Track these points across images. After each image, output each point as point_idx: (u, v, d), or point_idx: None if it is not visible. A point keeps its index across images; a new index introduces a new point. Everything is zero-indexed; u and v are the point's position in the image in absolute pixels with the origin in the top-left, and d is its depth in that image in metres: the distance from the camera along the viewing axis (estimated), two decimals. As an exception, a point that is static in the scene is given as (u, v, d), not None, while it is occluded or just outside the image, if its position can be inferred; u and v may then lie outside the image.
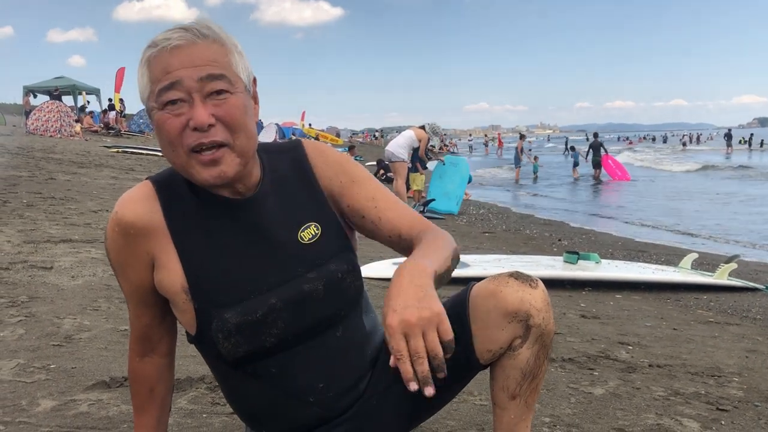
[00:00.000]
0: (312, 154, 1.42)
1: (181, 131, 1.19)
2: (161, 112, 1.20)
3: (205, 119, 1.18)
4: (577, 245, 7.90)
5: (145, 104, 1.26)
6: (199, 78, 1.18)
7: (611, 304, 4.61)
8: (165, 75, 1.19)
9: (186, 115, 1.19)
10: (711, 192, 17.65)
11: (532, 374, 1.35)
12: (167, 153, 1.24)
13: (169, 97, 1.19)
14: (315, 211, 1.37)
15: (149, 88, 1.22)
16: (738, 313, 4.65)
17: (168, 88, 1.19)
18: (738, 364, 3.07)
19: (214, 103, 1.20)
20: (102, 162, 13.30)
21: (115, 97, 29.32)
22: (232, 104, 1.21)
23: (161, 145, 1.24)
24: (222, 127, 1.20)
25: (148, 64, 1.22)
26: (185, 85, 1.18)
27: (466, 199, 14.08)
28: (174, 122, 1.19)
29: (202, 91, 1.19)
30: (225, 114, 1.20)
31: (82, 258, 4.39)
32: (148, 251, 1.30)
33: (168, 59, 1.19)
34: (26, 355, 2.50)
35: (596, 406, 2.33)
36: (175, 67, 1.18)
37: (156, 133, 1.24)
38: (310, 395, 1.34)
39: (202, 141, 1.19)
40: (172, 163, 1.26)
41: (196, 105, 1.18)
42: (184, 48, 1.19)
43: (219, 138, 1.20)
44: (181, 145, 1.20)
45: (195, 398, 2.18)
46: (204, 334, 1.30)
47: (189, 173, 1.23)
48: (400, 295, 1.12)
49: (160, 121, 1.20)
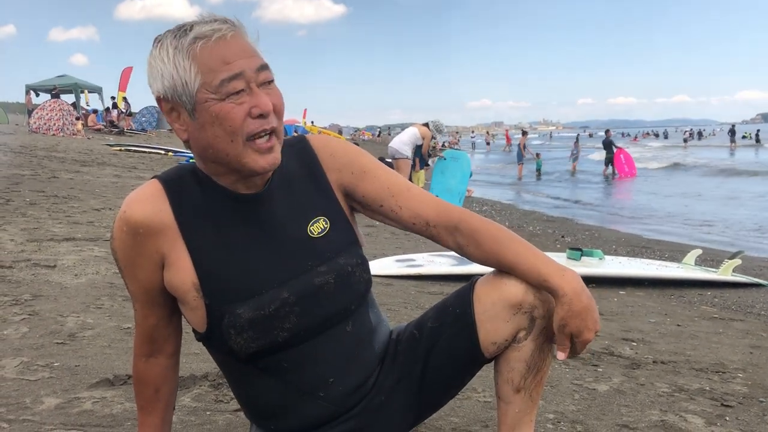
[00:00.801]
0: (318, 147, 1.43)
1: (244, 119, 1.20)
2: (223, 103, 1.19)
3: (270, 106, 1.22)
4: (580, 242, 7.89)
5: (186, 97, 1.20)
6: (257, 68, 1.22)
7: (615, 301, 4.60)
8: (224, 65, 1.19)
9: (247, 103, 1.20)
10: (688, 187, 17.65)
11: (537, 367, 1.35)
12: (222, 144, 1.21)
13: (236, 87, 1.19)
14: (323, 205, 1.37)
15: (200, 80, 1.19)
16: (742, 309, 4.64)
17: (232, 79, 1.19)
18: (742, 360, 3.06)
19: (266, 92, 1.23)
20: (105, 160, 13.31)
21: (119, 96, 29.32)
22: (278, 93, 1.26)
23: (217, 136, 1.20)
24: (274, 115, 1.24)
25: (194, 56, 1.19)
26: (246, 76, 1.20)
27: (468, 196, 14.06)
28: (239, 111, 1.20)
29: (257, 80, 1.22)
30: (277, 102, 1.25)
31: (86, 256, 4.40)
32: (157, 250, 1.29)
33: (224, 50, 1.20)
34: (30, 353, 2.50)
35: (600, 402, 2.32)
36: (233, 58, 1.20)
37: (210, 124, 1.20)
38: (321, 390, 1.34)
39: (264, 127, 1.22)
40: (224, 155, 1.23)
41: (258, 93, 1.21)
42: (236, 38, 1.22)
43: (274, 124, 1.24)
44: (242, 134, 1.21)
45: (198, 396, 2.18)
46: (215, 331, 1.29)
47: (242, 162, 1.23)
48: (589, 312, 1.28)
49: (222, 112, 1.19)
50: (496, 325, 1.33)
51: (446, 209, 1.40)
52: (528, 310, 1.31)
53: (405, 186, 1.42)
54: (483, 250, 1.35)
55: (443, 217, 1.38)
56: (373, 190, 1.40)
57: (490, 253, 1.34)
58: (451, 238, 1.38)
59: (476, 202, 13.52)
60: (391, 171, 1.45)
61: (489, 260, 1.36)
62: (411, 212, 1.39)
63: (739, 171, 22.82)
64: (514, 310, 1.32)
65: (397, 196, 1.39)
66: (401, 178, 1.44)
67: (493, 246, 1.34)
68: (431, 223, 1.38)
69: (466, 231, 1.36)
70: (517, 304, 1.31)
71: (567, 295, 1.27)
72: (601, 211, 13.05)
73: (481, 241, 1.35)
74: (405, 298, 4.14)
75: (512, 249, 1.33)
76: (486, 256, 1.35)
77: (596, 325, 1.28)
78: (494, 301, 1.33)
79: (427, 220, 1.38)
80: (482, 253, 1.35)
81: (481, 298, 1.35)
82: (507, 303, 1.32)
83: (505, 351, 1.36)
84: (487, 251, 1.35)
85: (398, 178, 1.43)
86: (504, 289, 1.32)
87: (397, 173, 1.46)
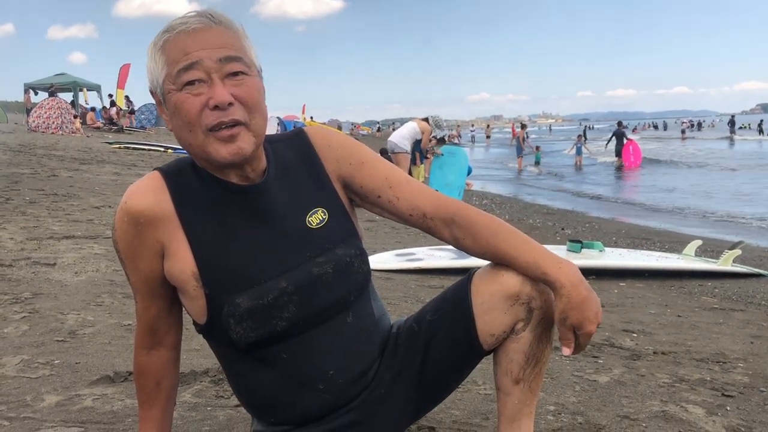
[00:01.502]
0: (316, 139, 1.43)
1: (200, 111, 1.20)
2: (179, 93, 1.21)
3: (226, 97, 1.20)
4: (580, 234, 7.89)
5: (158, 89, 1.26)
6: (218, 59, 1.21)
7: (615, 292, 4.61)
8: (184, 56, 1.20)
9: (206, 94, 1.20)
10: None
11: (536, 358, 1.35)
12: (184, 135, 1.24)
13: (189, 77, 1.20)
14: (322, 197, 1.38)
15: (165, 71, 1.22)
16: (742, 299, 4.64)
17: (187, 68, 1.20)
18: (743, 349, 3.07)
19: (233, 83, 1.22)
20: (104, 158, 13.30)
21: (118, 93, 29.27)
22: (249, 85, 1.24)
23: (178, 126, 1.24)
24: (240, 107, 1.22)
25: (163, 49, 1.23)
26: (204, 65, 1.20)
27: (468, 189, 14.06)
28: (194, 101, 1.20)
29: (220, 71, 1.21)
30: (243, 93, 1.22)
31: (85, 254, 4.40)
32: (158, 240, 1.30)
33: (186, 41, 1.21)
34: (30, 351, 2.51)
35: (601, 393, 2.32)
36: (194, 49, 1.20)
37: (172, 114, 1.24)
38: (320, 382, 1.35)
39: (222, 120, 1.20)
40: (187, 145, 1.26)
41: (216, 84, 1.20)
42: (201, 31, 1.22)
43: (238, 116, 1.22)
44: (200, 125, 1.21)
45: (199, 391, 2.18)
46: (215, 321, 1.30)
47: (206, 153, 1.24)
48: (588, 303, 1.28)
49: (178, 102, 1.21)
50: (494, 317, 1.33)
51: (444, 202, 1.40)
52: (525, 301, 1.31)
53: (403, 178, 1.42)
54: (480, 243, 1.35)
55: (440, 209, 1.38)
56: (371, 181, 1.40)
57: (488, 247, 1.34)
58: (448, 230, 1.38)
59: (476, 195, 13.51)
60: (390, 163, 1.46)
61: (486, 253, 1.36)
62: (408, 204, 1.39)
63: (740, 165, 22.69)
64: (511, 301, 1.32)
65: (395, 187, 1.40)
66: (399, 171, 1.45)
67: (490, 239, 1.34)
68: (428, 215, 1.38)
69: (462, 224, 1.36)
70: (515, 295, 1.31)
71: (565, 287, 1.27)
72: (602, 202, 13.04)
73: (478, 234, 1.35)
74: (405, 291, 4.14)
75: (509, 242, 1.33)
76: (483, 249, 1.35)
77: (597, 316, 1.28)
78: (492, 293, 1.33)
79: (425, 212, 1.38)
80: (479, 246, 1.35)
81: (478, 290, 1.35)
82: (504, 294, 1.32)
83: (503, 342, 1.36)
84: (484, 244, 1.35)
85: (396, 170, 1.44)
86: (501, 280, 1.32)
87: (395, 166, 1.47)
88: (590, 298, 1.27)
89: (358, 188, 1.41)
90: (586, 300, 1.27)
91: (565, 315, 1.27)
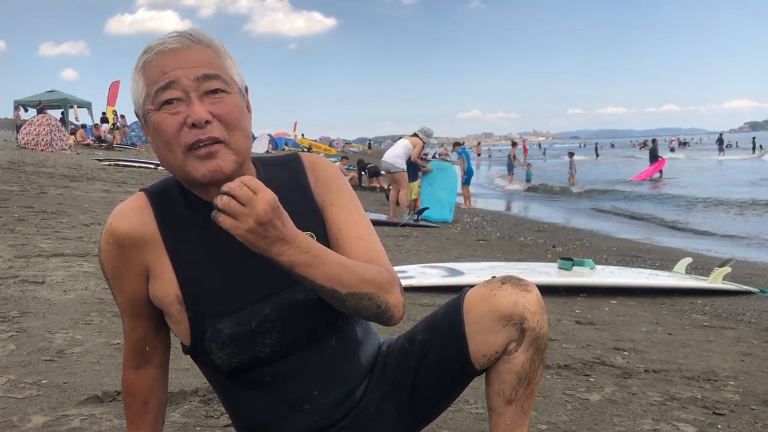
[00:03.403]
0: (308, 167, 1.43)
1: (178, 130, 1.20)
2: (158, 113, 1.21)
3: (203, 115, 1.19)
4: (571, 251, 7.90)
5: (140, 110, 1.27)
6: (195, 77, 1.20)
7: (606, 310, 4.61)
8: (161, 76, 1.20)
9: (183, 113, 1.20)
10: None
11: (528, 378, 1.35)
12: (163, 154, 1.24)
13: (166, 96, 1.20)
14: (310, 221, 1.37)
15: (145, 92, 1.23)
16: (733, 316, 4.65)
17: (165, 88, 1.20)
18: (734, 367, 3.07)
19: (211, 101, 1.22)
20: (94, 175, 13.25)
21: (108, 110, 29.23)
22: (228, 103, 1.23)
23: (157, 146, 1.24)
24: (219, 125, 1.21)
25: (143, 70, 1.23)
26: (182, 84, 1.20)
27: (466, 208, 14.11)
28: (171, 121, 1.20)
29: (198, 90, 1.21)
30: (222, 112, 1.22)
31: (74, 272, 4.36)
32: (142, 262, 1.29)
33: (164, 61, 1.21)
34: (17, 370, 2.47)
35: (593, 412, 2.32)
36: (172, 68, 1.20)
37: (152, 135, 1.25)
38: (305, 403, 1.34)
39: (199, 138, 1.20)
40: (167, 164, 1.26)
41: (193, 102, 1.20)
42: (179, 50, 1.22)
43: (216, 134, 1.21)
44: (178, 144, 1.21)
45: (188, 411, 2.16)
46: (198, 345, 1.29)
47: (185, 172, 1.23)
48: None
49: (157, 122, 1.21)
50: (486, 337, 1.33)
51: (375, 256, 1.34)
52: (518, 321, 1.31)
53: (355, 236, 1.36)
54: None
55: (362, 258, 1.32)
56: (329, 225, 1.36)
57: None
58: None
59: (467, 212, 13.54)
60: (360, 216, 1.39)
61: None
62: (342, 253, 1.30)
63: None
64: (503, 321, 1.31)
65: (341, 242, 1.34)
66: (363, 228, 1.38)
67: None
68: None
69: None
70: (507, 315, 1.31)
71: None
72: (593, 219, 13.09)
73: None
74: (396, 310, 4.12)
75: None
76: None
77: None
78: (484, 313, 1.33)
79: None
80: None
81: (471, 310, 1.35)
82: (497, 315, 1.31)
83: (495, 363, 1.35)
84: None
85: (358, 227, 1.37)
86: (494, 300, 1.32)
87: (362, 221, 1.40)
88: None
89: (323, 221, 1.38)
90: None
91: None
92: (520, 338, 1.32)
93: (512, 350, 1.33)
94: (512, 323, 1.31)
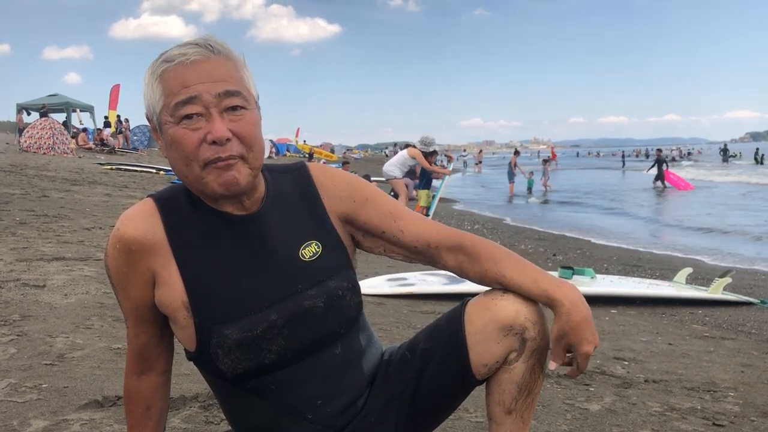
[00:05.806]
0: (318, 175, 1.44)
1: (198, 146, 1.21)
2: (177, 127, 1.21)
3: (224, 133, 1.20)
4: (572, 260, 7.91)
5: (154, 117, 1.27)
6: (217, 93, 1.21)
7: (606, 320, 4.61)
8: (182, 89, 1.20)
9: (203, 129, 1.20)
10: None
11: (528, 388, 1.35)
12: (180, 168, 1.25)
13: (187, 111, 1.20)
14: (316, 229, 1.38)
15: (162, 102, 1.23)
16: (733, 327, 4.65)
17: (186, 102, 1.20)
18: (734, 378, 3.07)
19: (231, 118, 1.22)
20: (95, 179, 13.27)
21: (110, 114, 29.28)
22: (247, 120, 1.24)
23: (174, 159, 1.25)
24: (237, 142, 1.23)
25: (161, 79, 1.23)
26: (203, 100, 1.20)
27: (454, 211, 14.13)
28: (191, 136, 1.21)
29: (219, 106, 1.21)
30: (242, 130, 1.23)
31: (75, 276, 4.37)
32: (149, 267, 1.30)
33: (185, 74, 1.21)
34: (18, 374, 2.48)
35: (592, 422, 2.32)
36: (193, 82, 1.20)
37: (168, 147, 1.25)
38: (309, 412, 1.34)
39: (219, 155, 1.21)
40: (182, 176, 1.26)
41: (215, 119, 1.20)
42: (200, 63, 1.22)
43: (235, 152, 1.22)
44: (197, 160, 1.22)
45: (189, 417, 2.16)
46: (203, 351, 1.29)
47: (202, 185, 1.24)
48: (588, 323, 1.28)
49: (176, 136, 1.22)
50: (487, 347, 1.33)
51: (446, 230, 1.42)
52: (519, 331, 1.31)
53: (406, 211, 1.44)
54: (483, 267, 1.37)
55: (444, 238, 1.40)
56: (376, 216, 1.42)
57: (489, 270, 1.36)
58: (452, 257, 1.39)
59: (467, 220, 13.54)
60: (391, 198, 1.48)
61: (488, 277, 1.37)
62: (413, 235, 1.41)
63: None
64: (505, 331, 1.32)
65: (399, 220, 1.41)
66: (402, 205, 1.46)
67: (491, 263, 1.36)
68: (432, 245, 1.40)
69: (469, 250, 1.38)
70: (508, 325, 1.31)
71: (565, 305, 1.28)
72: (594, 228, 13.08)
73: (482, 258, 1.37)
74: (397, 317, 4.13)
75: (511, 265, 1.35)
76: (485, 272, 1.37)
77: (595, 338, 1.29)
78: (485, 323, 1.33)
79: (429, 242, 1.40)
80: (482, 270, 1.37)
81: (472, 320, 1.35)
82: (498, 324, 1.32)
83: (496, 373, 1.36)
84: (487, 268, 1.36)
85: (399, 204, 1.46)
86: (495, 310, 1.33)
87: (395, 200, 1.48)
88: (589, 319, 1.29)
89: (362, 224, 1.42)
90: (586, 320, 1.28)
91: (563, 333, 1.28)
92: (521, 348, 1.32)
93: (513, 360, 1.33)
94: (513, 333, 1.31)
